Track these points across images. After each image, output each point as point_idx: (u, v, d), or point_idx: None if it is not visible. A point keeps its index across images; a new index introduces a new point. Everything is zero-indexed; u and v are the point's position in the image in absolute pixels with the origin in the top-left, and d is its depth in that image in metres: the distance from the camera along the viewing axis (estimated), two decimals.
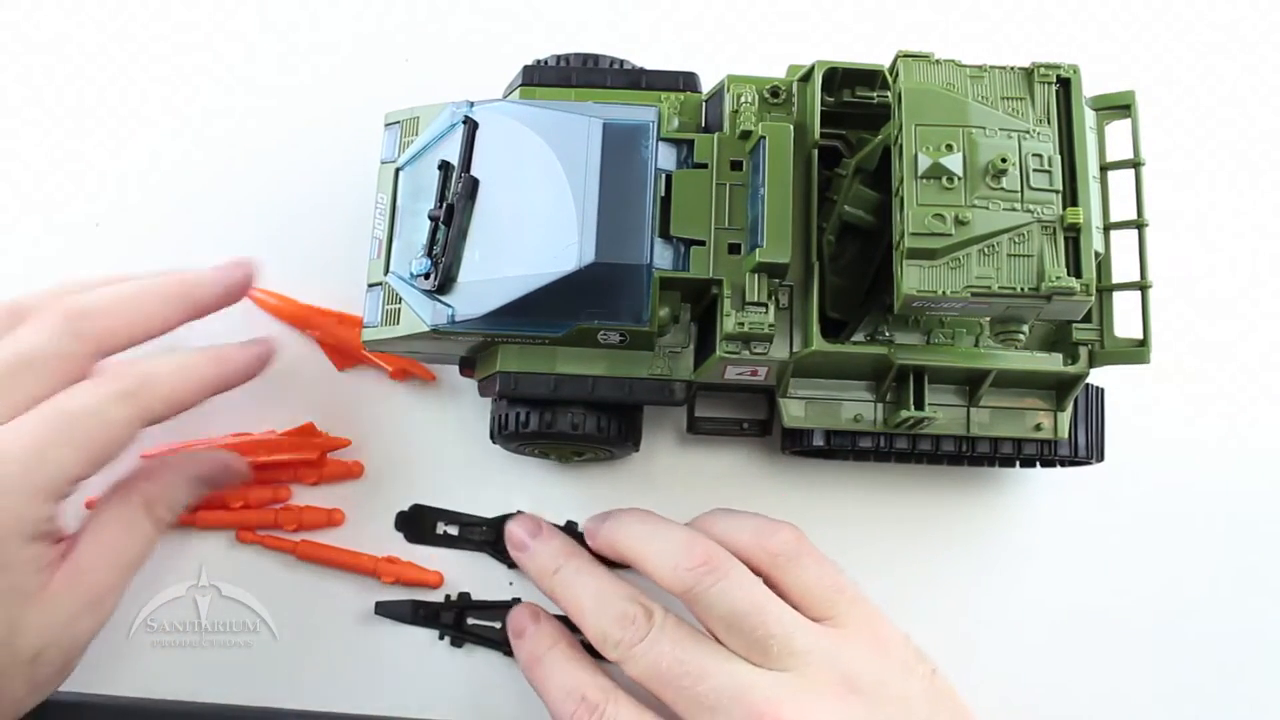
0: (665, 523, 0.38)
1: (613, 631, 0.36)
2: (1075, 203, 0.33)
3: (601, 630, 0.36)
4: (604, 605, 0.36)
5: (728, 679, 0.33)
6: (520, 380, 0.38)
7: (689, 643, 0.35)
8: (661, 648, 0.35)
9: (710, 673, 0.34)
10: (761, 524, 0.38)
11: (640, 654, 0.35)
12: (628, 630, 0.35)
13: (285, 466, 0.42)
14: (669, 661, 0.34)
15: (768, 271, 0.35)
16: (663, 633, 0.35)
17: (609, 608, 0.36)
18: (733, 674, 0.34)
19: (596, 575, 0.38)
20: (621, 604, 0.36)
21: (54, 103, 0.48)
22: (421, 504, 0.43)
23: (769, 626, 0.34)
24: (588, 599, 0.37)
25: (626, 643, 0.35)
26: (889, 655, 0.35)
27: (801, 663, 0.34)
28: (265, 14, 0.49)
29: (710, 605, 0.35)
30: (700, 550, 0.36)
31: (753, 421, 0.42)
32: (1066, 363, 0.37)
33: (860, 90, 0.38)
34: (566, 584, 0.38)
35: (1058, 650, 0.43)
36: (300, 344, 0.45)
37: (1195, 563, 0.44)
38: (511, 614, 0.40)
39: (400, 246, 0.38)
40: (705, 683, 0.33)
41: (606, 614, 0.36)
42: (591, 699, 0.35)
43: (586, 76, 0.40)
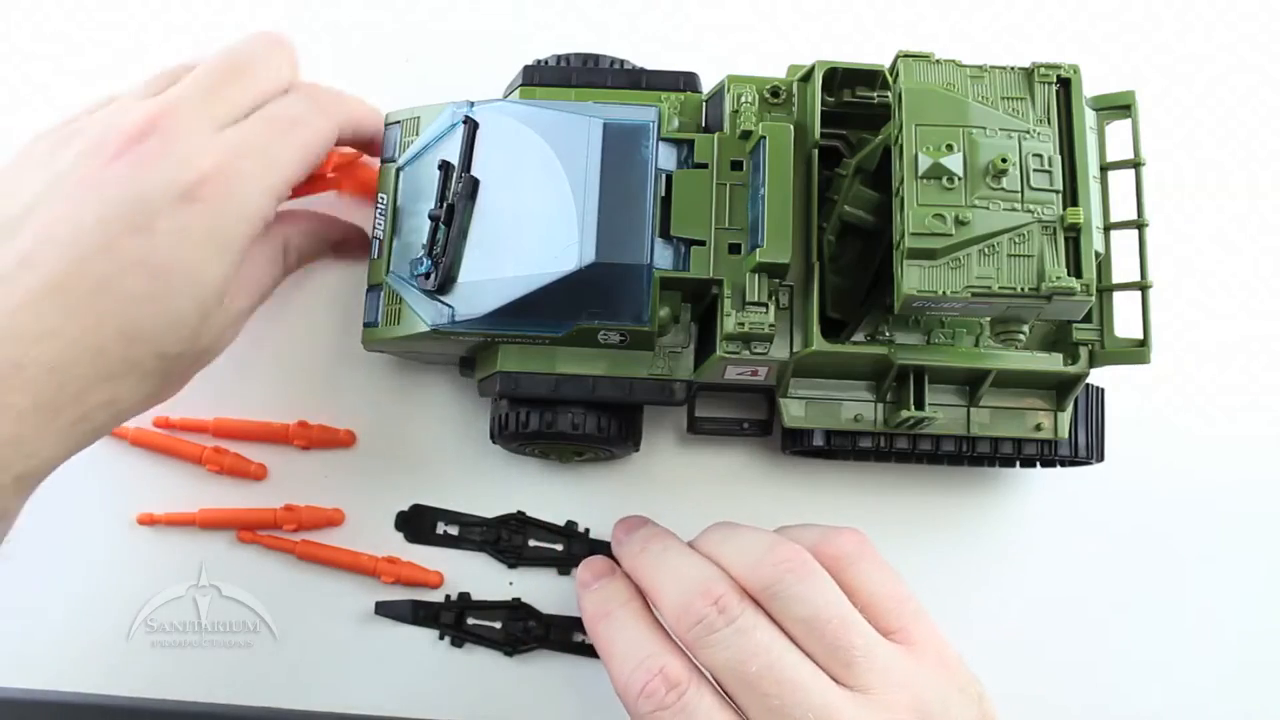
0: (749, 527, 0.36)
1: (697, 606, 0.32)
2: (1075, 203, 0.33)
3: (684, 604, 0.32)
4: (691, 581, 0.33)
5: (818, 696, 0.30)
6: (520, 380, 0.38)
7: (780, 645, 0.31)
8: (752, 643, 0.31)
9: (803, 685, 0.30)
10: (825, 529, 0.35)
11: (724, 642, 0.31)
12: (713, 611, 0.31)
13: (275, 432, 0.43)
14: (760, 663, 0.31)
15: (768, 271, 0.35)
16: (756, 627, 0.31)
17: (696, 583, 0.32)
18: (824, 691, 0.31)
19: (686, 554, 0.35)
20: (711, 583, 0.32)
21: (55, 103, 0.48)
22: (421, 504, 0.43)
23: (851, 638, 0.32)
24: (672, 573, 0.34)
25: (709, 624, 0.31)
26: (952, 677, 0.33)
27: (880, 683, 0.31)
28: (265, 14, 0.49)
29: (790, 604, 0.32)
30: (784, 548, 0.33)
31: (753, 421, 0.42)
32: (1066, 363, 0.37)
33: (860, 90, 0.38)
34: (653, 559, 0.35)
35: (1058, 650, 0.43)
36: (300, 343, 0.45)
37: (1195, 562, 0.44)
38: (584, 562, 0.37)
39: (400, 246, 0.38)
40: (796, 695, 0.30)
41: (692, 588, 0.32)
42: (673, 675, 0.31)
43: (586, 76, 0.40)
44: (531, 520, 0.43)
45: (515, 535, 0.43)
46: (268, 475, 0.43)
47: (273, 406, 0.44)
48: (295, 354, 0.44)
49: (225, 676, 0.41)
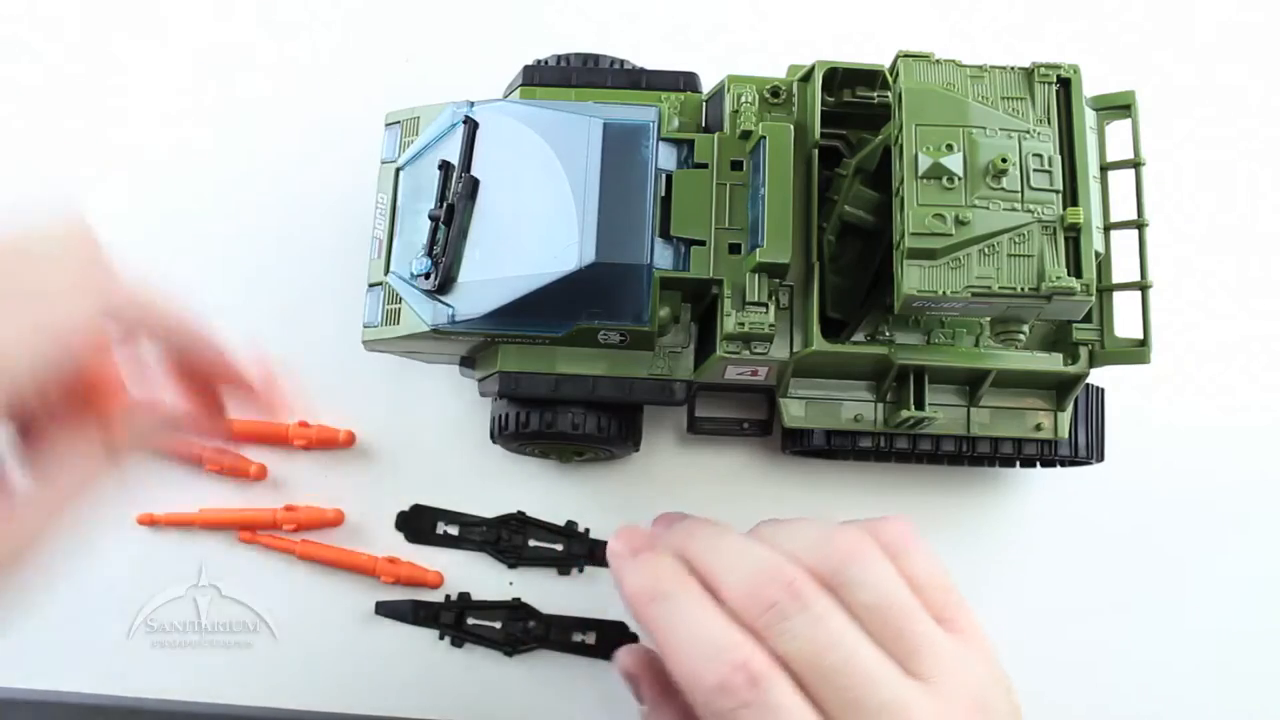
0: (795, 519, 0.33)
1: (770, 592, 0.29)
2: (1075, 203, 0.33)
3: (754, 589, 0.29)
4: (760, 564, 0.30)
5: (892, 690, 0.29)
6: (520, 380, 0.38)
7: (854, 635, 0.29)
8: (829, 633, 0.29)
9: (877, 678, 0.29)
10: (871, 520, 0.33)
11: (798, 631, 0.28)
12: (787, 596, 0.29)
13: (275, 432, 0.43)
14: (837, 655, 0.28)
15: (768, 271, 0.35)
16: (832, 616, 0.29)
17: (766, 566, 0.30)
18: (897, 683, 0.29)
19: (746, 539, 0.32)
20: (783, 566, 0.30)
21: (54, 102, 0.48)
22: (421, 504, 0.43)
23: (914, 625, 0.30)
24: (734, 557, 0.31)
25: (783, 610, 0.29)
26: (994, 668, 0.32)
27: (943, 674, 0.30)
28: (266, 14, 0.49)
29: (857, 590, 0.30)
30: (847, 534, 0.31)
31: (753, 421, 0.42)
32: (1067, 363, 0.37)
33: (860, 90, 0.38)
34: (709, 542, 0.32)
35: (1058, 649, 0.43)
36: (300, 343, 0.45)
37: (1195, 562, 0.44)
38: (618, 532, 0.33)
39: (400, 246, 0.38)
40: (871, 688, 0.28)
41: (762, 571, 0.29)
42: (756, 669, 0.28)
43: (586, 76, 0.40)
44: (531, 520, 0.43)
45: (515, 535, 0.43)
46: (268, 475, 0.43)
47: None
48: (295, 354, 0.44)
49: (225, 676, 0.41)
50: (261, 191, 0.47)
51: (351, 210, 0.43)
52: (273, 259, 0.46)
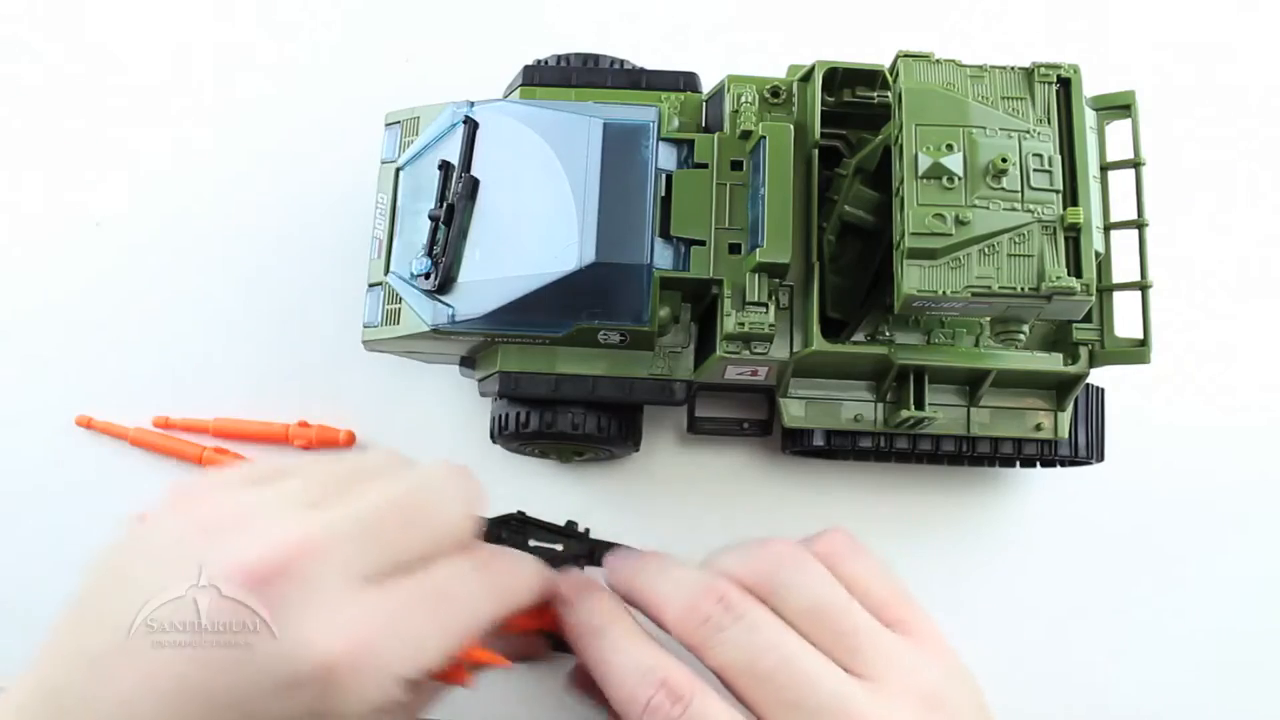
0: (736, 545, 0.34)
1: (702, 606, 0.30)
2: (1075, 203, 0.33)
3: (690, 605, 0.31)
4: (694, 584, 0.32)
5: (830, 685, 0.30)
6: (520, 380, 0.38)
7: (789, 638, 0.30)
8: (763, 639, 0.30)
9: (815, 676, 0.30)
10: (809, 537, 0.34)
11: (733, 640, 0.30)
12: (719, 609, 0.30)
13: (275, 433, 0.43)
14: (773, 659, 0.30)
15: (768, 271, 0.35)
16: (764, 623, 0.30)
17: (699, 584, 0.31)
18: (836, 680, 0.30)
19: (685, 566, 0.34)
20: (714, 582, 0.31)
21: (55, 103, 0.48)
22: None
23: (855, 624, 0.31)
24: (671, 581, 0.32)
25: (716, 623, 0.30)
26: (952, 669, 0.33)
27: (887, 671, 0.31)
28: (266, 14, 0.49)
29: (790, 595, 0.31)
30: (775, 544, 0.32)
31: (753, 421, 0.42)
32: (1067, 363, 0.37)
33: (860, 90, 0.38)
34: (650, 573, 0.33)
35: (1057, 649, 0.43)
36: (300, 343, 0.45)
37: (1195, 562, 0.44)
38: (560, 578, 0.35)
39: (400, 246, 0.38)
40: (810, 687, 0.29)
41: (696, 589, 0.31)
42: (676, 686, 0.29)
43: (586, 76, 0.40)
44: (531, 520, 0.43)
45: (515, 535, 0.43)
46: None
47: (273, 406, 0.44)
48: (295, 354, 0.44)
49: None
50: (261, 191, 0.47)
51: (351, 210, 0.43)
52: (273, 259, 0.46)
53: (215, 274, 0.46)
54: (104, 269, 0.46)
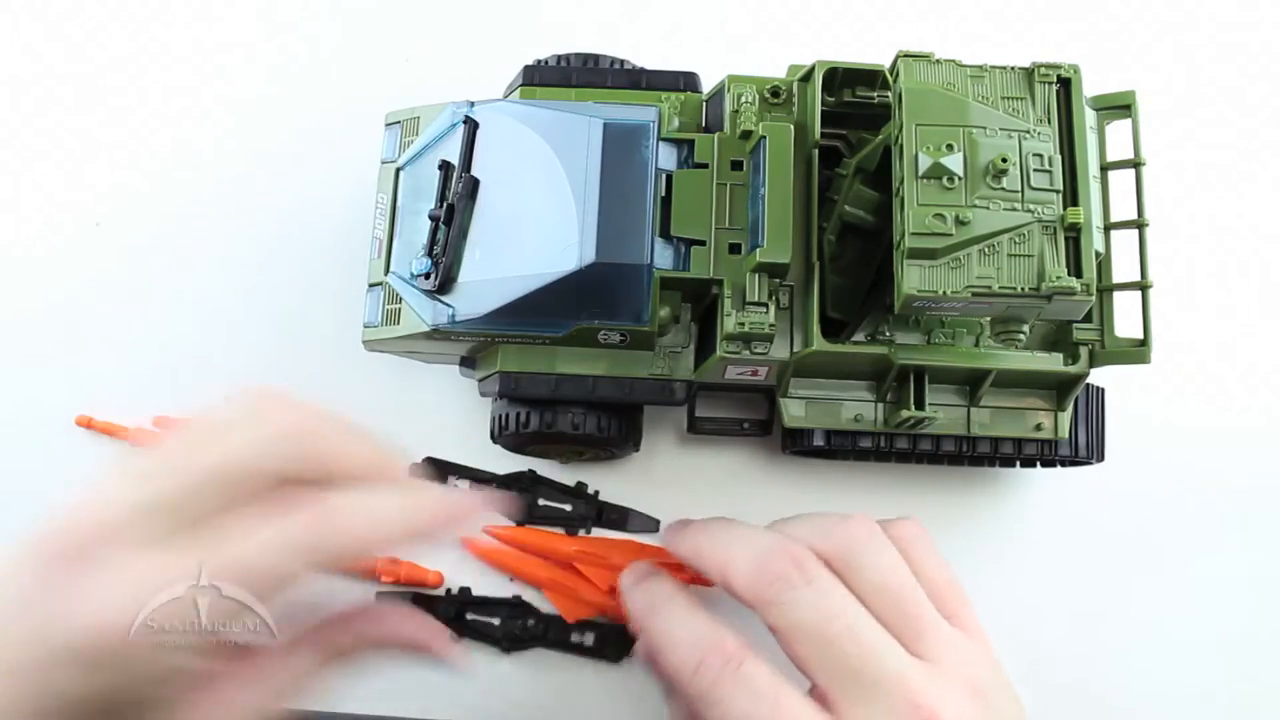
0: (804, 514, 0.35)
1: (776, 565, 0.31)
2: (1075, 203, 0.33)
3: (763, 563, 0.31)
4: (767, 543, 0.32)
5: (893, 660, 0.30)
6: (521, 380, 0.38)
7: (859, 609, 0.31)
8: (831, 604, 0.31)
9: (880, 650, 0.30)
10: (885, 520, 0.35)
11: (804, 600, 0.31)
12: (791, 569, 0.31)
13: None
14: (839, 624, 0.30)
15: (768, 271, 0.35)
16: (834, 588, 0.31)
17: (773, 546, 0.32)
18: (898, 655, 0.31)
19: (756, 528, 0.34)
20: (789, 545, 0.32)
21: (54, 102, 0.48)
22: (433, 457, 0.43)
23: (922, 610, 0.32)
24: (743, 541, 0.33)
25: (787, 582, 0.31)
26: (996, 669, 0.34)
27: (946, 658, 0.31)
28: (266, 14, 0.49)
29: (865, 572, 0.32)
30: (856, 521, 0.33)
31: (753, 421, 0.42)
32: (1067, 363, 0.37)
33: (860, 90, 0.38)
34: (721, 532, 0.34)
35: (1057, 649, 0.43)
36: (300, 343, 0.45)
37: (1195, 562, 0.44)
38: (628, 568, 0.36)
39: (400, 246, 0.38)
40: (872, 657, 0.30)
41: (770, 550, 0.32)
42: (729, 649, 0.31)
43: (586, 76, 0.40)
44: (542, 479, 0.43)
45: (525, 493, 0.43)
46: None
47: None
48: (295, 354, 0.44)
49: None
50: (261, 191, 0.47)
51: (351, 210, 0.43)
52: (273, 259, 0.46)
53: (215, 274, 0.46)
54: (104, 269, 0.46)
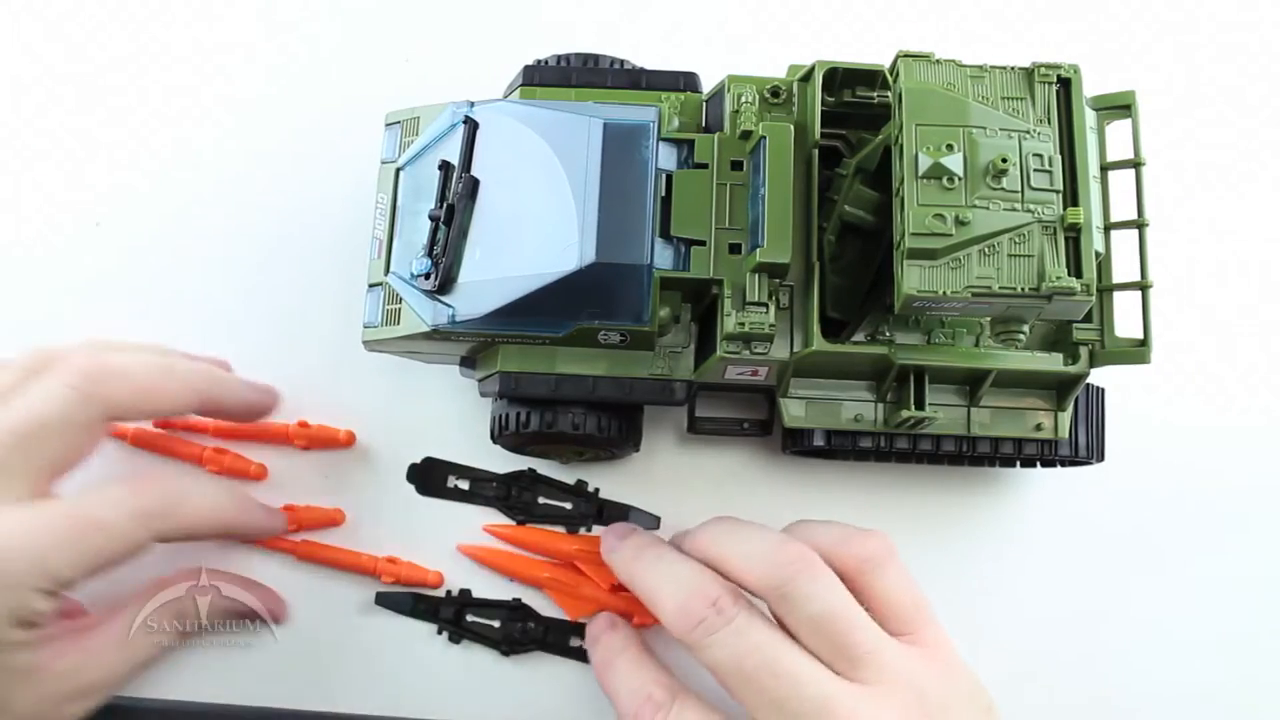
0: (754, 525, 0.37)
1: (696, 609, 0.33)
2: (1075, 203, 0.33)
3: (683, 607, 0.34)
4: (687, 584, 0.34)
5: (814, 687, 0.32)
6: (521, 380, 0.38)
7: (778, 641, 0.33)
8: (749, 641, 0.32)
9: (798, 678, 0.32)
10: (851, 530, 0.36)
11: (722, 641, 0.33)
12: (711, 613, 0.33)
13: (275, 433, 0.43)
14: (756, 659, 0.32)
15: (768, 271, 0.35)
16: (751, 625, 0.33)
17: (693, 587, 0.34)
18: (820, 682, 0.32)
19: (682, 560, 0.36)
20: (708, 585, 0.34)
21: (54, 102, 0.48)
22: (433, 456, 0.43)
23: (856, 635, 0.33)
24: (669, 579, 0.35)
25: (709, 626, 0.33)
26: (959, 683, 0.34)
27: (886, 678, 0.32)
28: (265, 14, 0.49)
29: (798, 604, 0.33)
30: (793, 549, 0.34)
31: (753, 421, 0.42)
32: (1067, 363, 0.37)
33: (860, 90, 0.38)
34: (648, 566, 0.36)
35: (1058, 649, 0.43)
36: (300, 343, 0.45)
37: (1195, 562, 0.44)
38: (591, 622, 0.40)
39: (400, 246, 0.38)
40: (792, 687, 0.32)
41: (690, 592, 0.34)
42: (657, 697, 0.34)
43: (586, 76, 0.40)
44: (542, 477, 0.43)
45: (525, 492, 0.43)
46: (268, 475, 0.43)
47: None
48: (295, 354, 0.44)
49: (225, 676, 0.41)
50: (261, 191, 0.47)
51: (351, 210, 0.43)
52: (273, 259, 0.46)
53: (215, 274, 0.46)
54: (104, 269, 0.46)
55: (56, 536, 0.33)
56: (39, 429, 0.34)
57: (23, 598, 0.33)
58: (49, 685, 0.35)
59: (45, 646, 0.35)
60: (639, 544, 0.38)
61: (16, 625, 0.33)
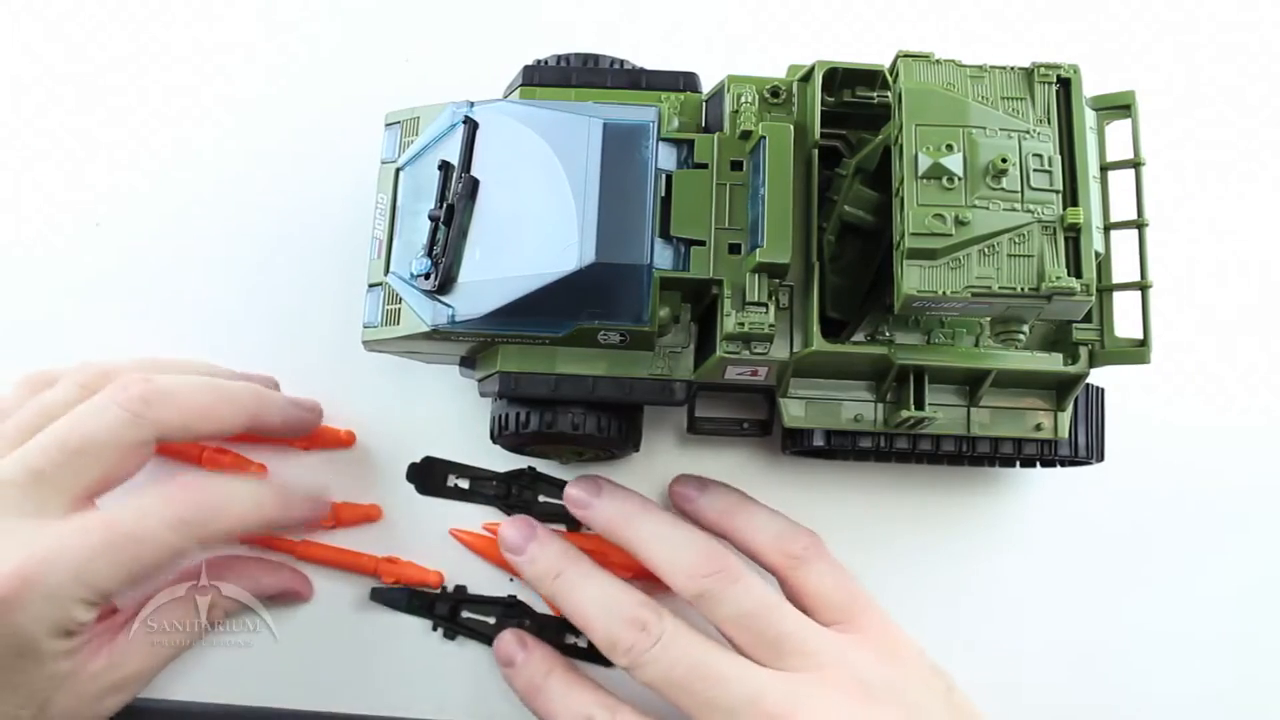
0: (680, 526, 0.38)
1: (624, 637, 0.35)
2: (1075, 203, 0.33)
3: (611, 636, 0.35)
4: (612, 610, 0.36)
5: (742, 683, 0.33)
6: (520, 380, 0.38)
7: (702, 646, 0.34)
8: (675, 652, 0.34)
9: (726, 676, 0.33)
10: (783, 527, 0.38)
11: (652, 659, 0.34)
12: (639, 636, 0.35)
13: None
14: (684, 667, 0.34)
15: (768, 271, 0.35)
16: (675, 637, 0.34)
17: (618, 613, 0.36)
18: (748, 677, 0.33)
19: (601, 580, 0.37)
20: (630, 609, 0.35)
21: (54, 102, 0.48)
22: (433, 456, 0.43)
23: (780, 627, 0.34)
24: (593, 605, 0.36)
25: (639, 648, 0.35)
26: (904, 663, 0.35)
27: (815, 664, 0.34)
28: (265, 14, 0.49)
29: (720, 605, 0.35)
30: (716, 559, 0.36)
31: (753, 421, 0.42)
32: (1066, 363, 0.37)
33: (860, 90, 0.38)
34: (570, 589, 0.37)
35: (1058, 649, 0.43)
36: (299, 343, 0.45)
37: (1195, 562, 0.44)
38: (498, 643, 0.40)
39: (400, 246, 0.38)
40: (720, 686, 0.33)
41: (615, 619, 0.35)
42: (599, 718, 0.35)
43: (586, 76, 0.40)
44: (542, 476, 0.43)
45: (525, 490, 0.43)
46: (268, 476, 0.43)
47: None
48: (295, 354, 0.44)
49: (225, 676, 0.41)
50: (261, 191, 0.47)
51: (351, 210, 0.43)
52: (273, 259, 0.46)
53: (215, 274, 0.46)
54: (104, 269, 0.46)
55: (95, 549, 0.33)
56: (88, 446, 0.34)
57: (64, 608, 0.33)
58: (85, 685, 0.36)
59: (83, 651, 0.35)
60: (555, 557, 0.38)
61: (58, 635, 0.34)
